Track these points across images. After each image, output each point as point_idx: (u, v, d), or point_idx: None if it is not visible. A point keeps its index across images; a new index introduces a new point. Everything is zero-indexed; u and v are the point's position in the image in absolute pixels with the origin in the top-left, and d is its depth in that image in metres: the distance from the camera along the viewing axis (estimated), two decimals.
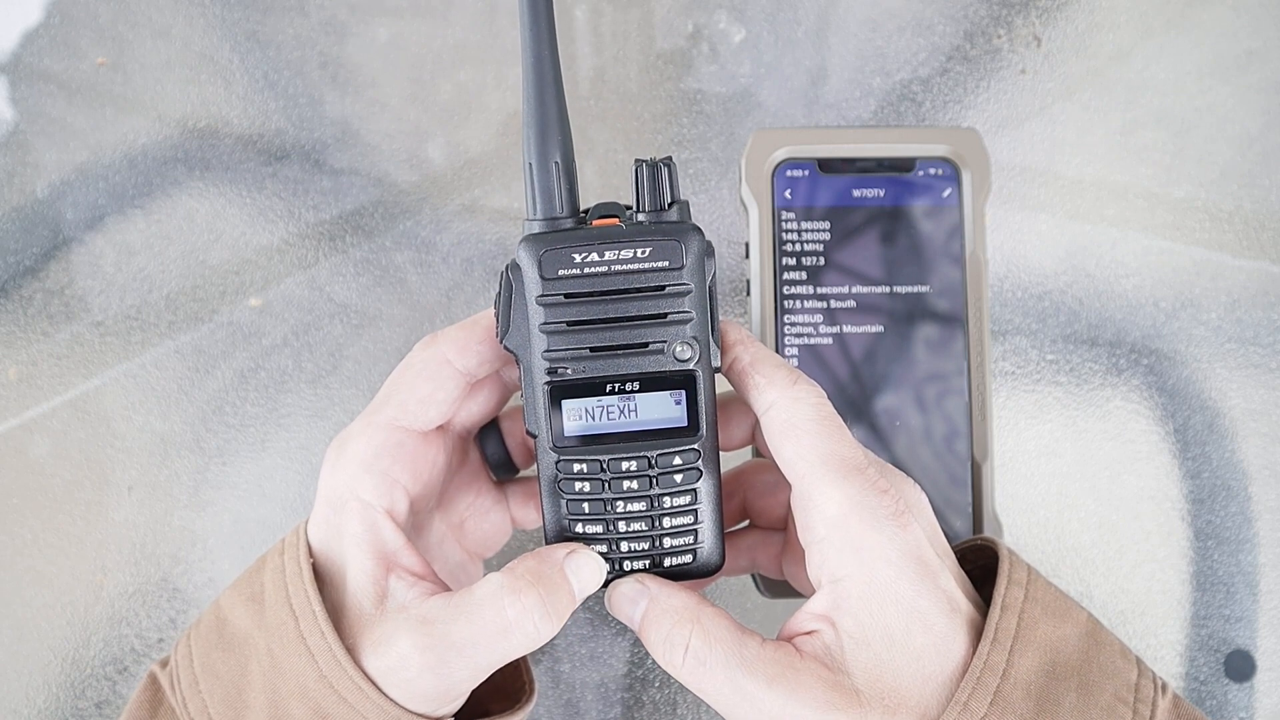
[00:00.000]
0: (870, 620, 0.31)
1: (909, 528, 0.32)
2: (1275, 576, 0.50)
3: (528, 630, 0.32)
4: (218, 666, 0.33)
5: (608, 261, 0.33)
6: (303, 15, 0.51)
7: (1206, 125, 0.52)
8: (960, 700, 0.30)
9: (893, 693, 0.30)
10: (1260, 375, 0.51)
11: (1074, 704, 0.31)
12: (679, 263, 0.33)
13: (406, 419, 0.35)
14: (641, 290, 0.33)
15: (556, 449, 0.34)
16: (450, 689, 0.32)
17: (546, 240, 0.33)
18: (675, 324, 0.33)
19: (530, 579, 0.32)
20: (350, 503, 0.34)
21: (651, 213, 0.34)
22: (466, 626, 0.31)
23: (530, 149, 0.34)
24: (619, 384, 0.34)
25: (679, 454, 0.34)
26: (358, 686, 0.31)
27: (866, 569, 0.31)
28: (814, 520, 0.32)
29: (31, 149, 0.51)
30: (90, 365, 0.50)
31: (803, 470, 0.32)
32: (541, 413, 0.34)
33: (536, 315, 0.33)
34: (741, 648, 0.32)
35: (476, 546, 0.40)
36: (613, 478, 0.34)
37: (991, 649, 0.31)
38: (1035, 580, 0.33)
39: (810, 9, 0.52)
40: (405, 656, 0.31)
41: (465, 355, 0.35)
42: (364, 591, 0.33)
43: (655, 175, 0.34)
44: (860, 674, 0.31)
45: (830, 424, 0.33)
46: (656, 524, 0.34)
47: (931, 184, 0.44)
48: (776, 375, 0.34)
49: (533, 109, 0.34)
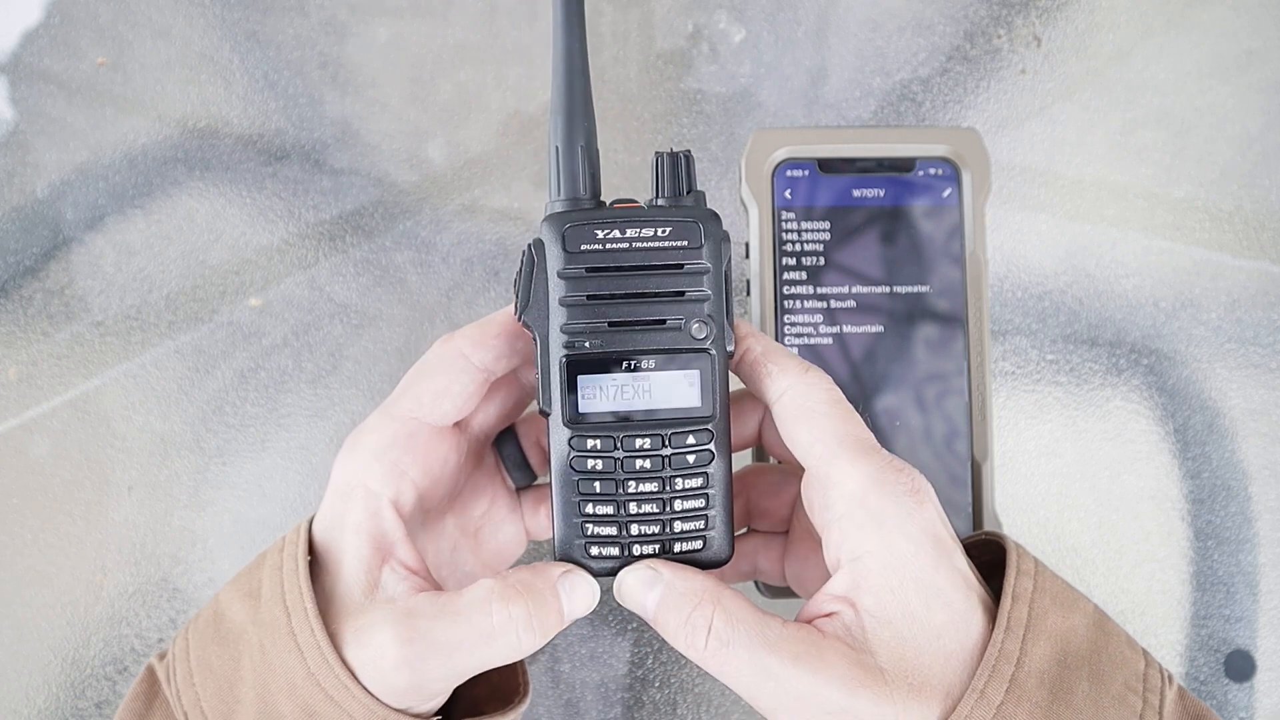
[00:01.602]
0: (891, 597, 0.31)
1: (925, 505, 0.32)
2: (1275, 576, 0.50)
3: (510, 640, 0.32)
4: (212, 661, 0.33)
5: (629, 238, 0.34)
6: (303, 15, 0.51)
7: (1206, 125, 0.52)
8: (977, 688, 0.30)
9: (916, 671, 0.31)
10: (1260, 375, 0.51)
11: (1087, 692, 0.31)
12: (697, 243, 0.34)
13: (421, 411, 0.35)
14: (661, 267, 0.34)
15: (570, 425, 0.34)
16: (424, 687, 0.32)
17: (570, 217, 0.34)
18: (693, 302, 0.34)
19: (521, 589, 0.32)
20: (356, 490, 0.34)
21: (670, 199, 0.35)
22: (450, 627, 0.31)
23: (558, 133, 0.35)
24: (634, 362, 0.34)
25: (692, 433, 0.34)
26: (344, 685, 0.31)
27: (886, 544, 0.31)
28: (833, 498, 0.32)
29: (31, 149, 0.51)
30: (90, 365, 0.50)
31: (820, 451, 0.33)
32: (556, 390, 0.34)
33: (557, 289, 0.34)
34: (765, 628, 0.31)
35: (491, 558, 0.41)
36: (626, 456, 0.34)
37: (1006, 637, 0.31)
38: (1043, 572, 0.33)
39: (810, 9, 0.52)
40: (383, 648, 0.31)
41: (481, 350, 0.35)
42: (356, 579, 0.33)
43: (675, 165, 0.35)
44: (883, 652, 0.31)
45: (843, 407, 0.33)
46: (668, 507, 0.34)
47: (931, 184, 0.44)
48: (789, 364, 0.34)
49: (562, 95, 0.35)
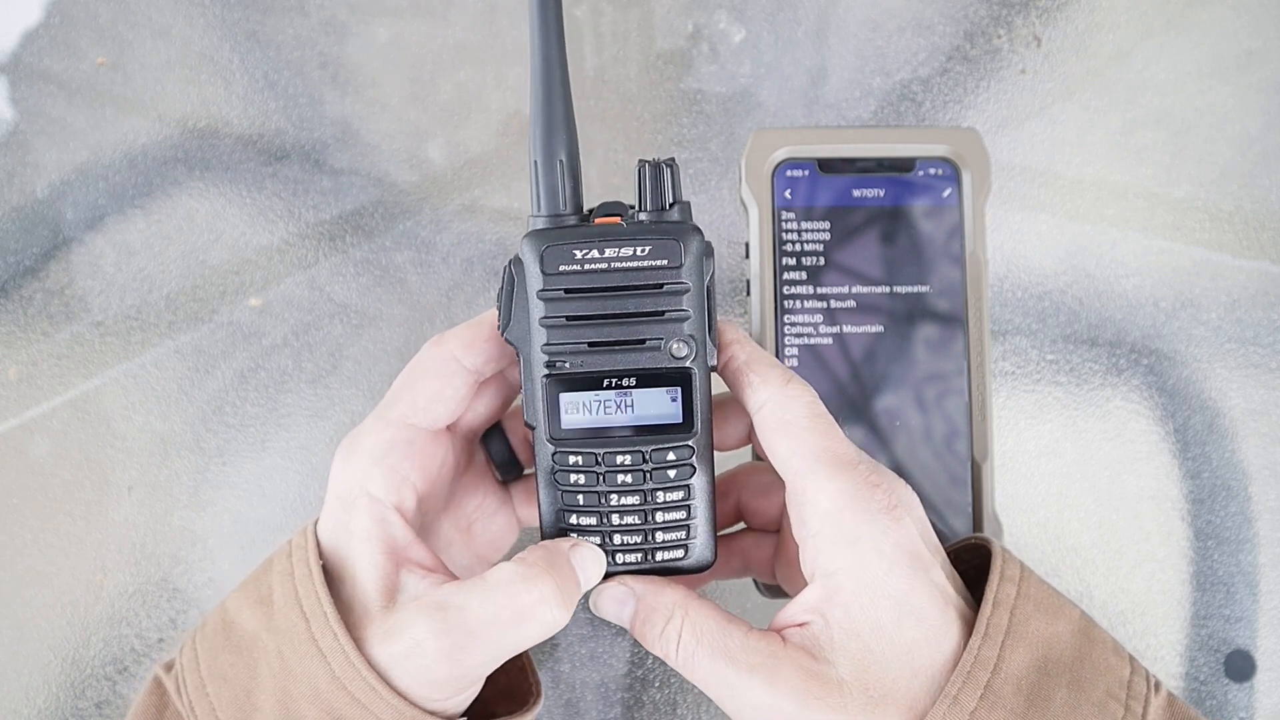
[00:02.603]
0: (861, 613, 0.31)
1: (901, 521, 0.32)
2: (1275, 576, 0.50)
3: (543, 617, 0.32)
4: (225, 670, 0.33)
5: (608, 259, 0.33)
6: (303, 15, 0.51)
7: (1206, 125, 0.52)
8: (950, 694, 0.30)
9: (879, 684, 0.31)
10: (1260, 375, 0.51)
11: (1065, 700, 0.31)
12: (677, 261, 0.33)
13: (416, 416, 0.35)
14: (640, 288, 0.34)
15: (553, 441, 0.34)
16: (464, 675, 0.32)
17: (549, 236, 0.33)
18: (672, 321, 0.34)
19: (544, 566, 0.32)
20: (360, 499, 0.34)
21: (653, 212, 0.34)
22: (482, 609, 0.31)
23: (536, 146, 0.34)
24: (616, 379, 0.34)
25: (673, 450, 0.34)
26: (371, 687, 0.31)
27: (859, 561, 0.31)
28: (807, 514, 0.32)
29: (31, 149, 0.51)
30: (90, 365, 0.50)
31: (796, 465, 0.33)
32: (540, 405, 0.34)
33: (537, 309, 0.34)
34: (726, 638, 0.32)
35: (484, 549, 0.41)
36: (607, 471, 0.34)
37: (983, 644, 0.31)
38: (1028, 577, 0.33)
39: (810, 9, 0.52)
40: (420, 642, 0.31)
41: (472, 353, 0.35)
42: (373, 587, 0.33)
43: (657, 176, 0.34)
44: (846, 664, 0.31)
45: (823, 421, 0.33)
46: (650, 518, 0.35)
47: (931, 184, 0.44)
48: (771, 374, 0.34)
49: (540, 107, 0.34)
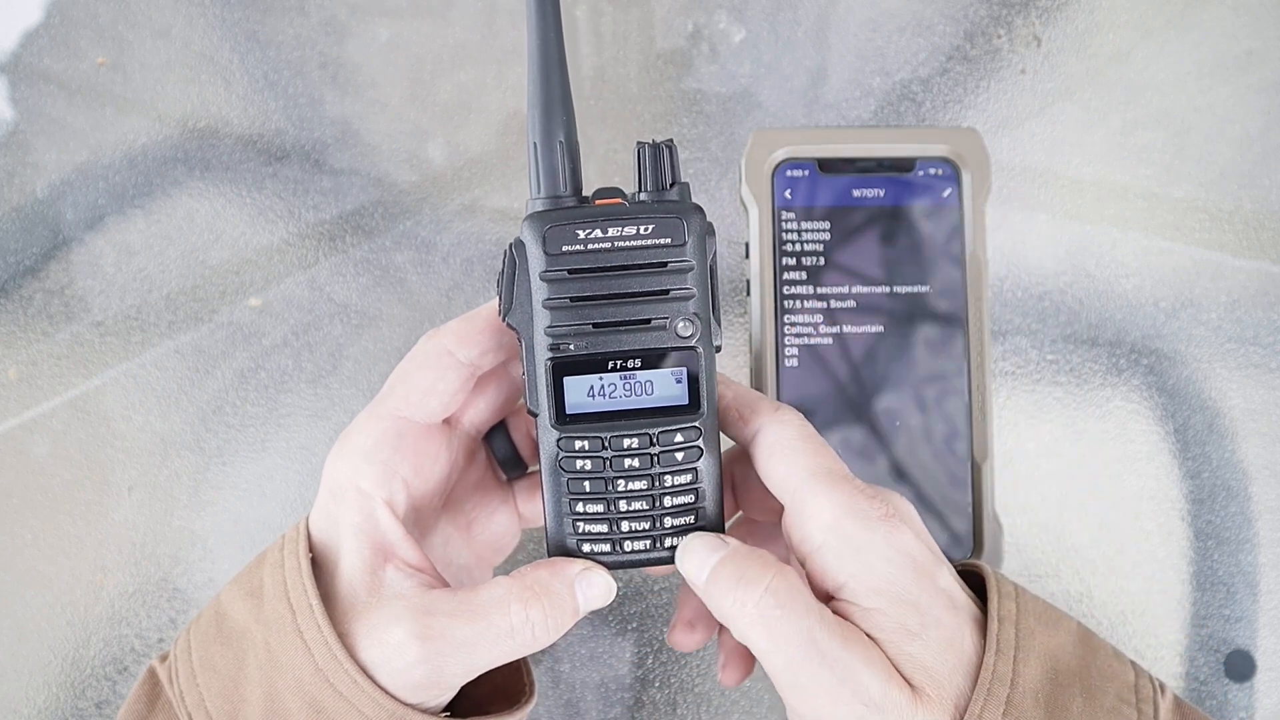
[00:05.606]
0: (885, 619, 0.31)
1: (899, 529, 0.32)
2: (1275, 576, 0.50)
3: (526, 638, 0.32)
4: (216, 661, 0.33)
5: (611, 238, 0.33)
6: (303, 15, 0.51)
7: (1206, 125, 0.52)
8: (974, 712, 0.30)
9: (934, 682, 0.31)
10: (1260, 375, 0.51)
11: (1081, 708, 0.31)
12: (681, 239, 0.33)
13: (409, 410, 0.35)
14: (644, 266, 0.33)
15: (558, 426, 0.34)
16: (440, 681, 0.32)
17: (551, 217, 0.33)
18: (677, 300, 0.33)
19: (539, 591, 0.33)
20: (349, 492, 0.34)
21: (653, 193, 0.34)
22: (469, 625, 0.32)
23: (535, 128, 0.34)
24: (621, 361, 0.33)
25: (680, 431, 0.34)
26: (353, 680, 0.31)
27: (865, 567, 0.32)
28: (810, 530, 0.33)
29: (31, 149, 0.51)
30: (90, 365, 0.50)
31: (793, 485, 0.33)
32: (543, 390, 0.34)
33: (540, 291, 0.33)
34: (819, 604, 0.32)
35: (485, 549, 0.41)
36: (614, 455, 0.34)
37: (997, 659, 0.31)
38: (1023, 594, 0.34)
39: (810, 9, 0.52)
40: (401, 645, 0.31)
41: (466, 346, 0.35)
42: (359, 580, 0.33)
43: (657, 157, 0.34)
44: (906, 662, 0.31)
45: (814, 441, 0.34)
46: (658, 503, 0.34)
47: (931, 184, 0.44)
48: (759, 405, 0.35)
49: (538, 89, 0.34)
